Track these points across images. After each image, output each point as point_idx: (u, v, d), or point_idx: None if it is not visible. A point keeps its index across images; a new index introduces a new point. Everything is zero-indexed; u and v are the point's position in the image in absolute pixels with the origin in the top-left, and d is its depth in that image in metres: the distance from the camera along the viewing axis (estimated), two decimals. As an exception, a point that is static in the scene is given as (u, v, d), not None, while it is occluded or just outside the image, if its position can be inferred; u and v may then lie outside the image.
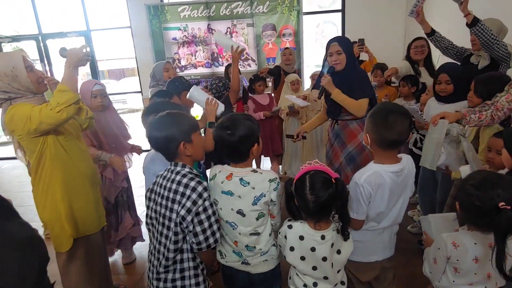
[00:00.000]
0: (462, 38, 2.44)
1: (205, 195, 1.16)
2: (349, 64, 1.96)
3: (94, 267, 1.78)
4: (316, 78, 2.54)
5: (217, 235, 1.19)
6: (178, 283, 1.20)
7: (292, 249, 1.15)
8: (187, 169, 1.22)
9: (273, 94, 3.94)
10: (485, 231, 1.06)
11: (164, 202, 1.19)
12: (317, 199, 1.07)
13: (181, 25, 4.95)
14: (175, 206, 1.15)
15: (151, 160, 1.50)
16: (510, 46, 2.13)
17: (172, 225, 1.15)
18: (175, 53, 5.05)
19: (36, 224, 1.83)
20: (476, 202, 1.00)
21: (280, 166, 4.03)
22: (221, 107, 1.84)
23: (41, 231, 2.70)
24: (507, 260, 1.00)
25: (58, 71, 5.31)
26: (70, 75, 1.46)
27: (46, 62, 5.38)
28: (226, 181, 1.25)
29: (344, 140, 1.99)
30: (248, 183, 1.22)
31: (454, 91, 2.06)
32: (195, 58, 5.09)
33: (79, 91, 1.70)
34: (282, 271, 1.39)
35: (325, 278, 1.16)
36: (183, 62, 5.05)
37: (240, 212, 1.23)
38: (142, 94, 5.40)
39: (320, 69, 2.63)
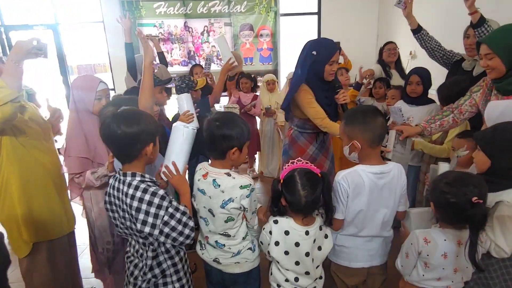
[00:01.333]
0: (447, 39, 2.36)
1: (164, 204, 1.08)
2: None
3: (59, 272, 1.69)
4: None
5: (191, 229, 1.14)
6: (160, 281, 1.18)
7: (277, 243, 1.17)
8: (138, 178, 1.10)
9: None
10: (457, 227, 1.12)
11: (126, 215, 1.12)
12: (309, 195, 1.10)
13: (157, 21, 4.84)
14: (138, 224, 1.08)
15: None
16: None
17: (141, 240, 1.13)
18: (150, 50, 4.92)
19: None
20: (451, 198, 1.06)
21: (256, 166, 4.06)
22: (195, 123, 1.73)
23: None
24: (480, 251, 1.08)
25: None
26: (11, 69, 1.30)
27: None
28: (202, 179, 1.25)
29: (293, 157, 1.93)
30: (219, 185, 1.21)
31: (423, 93, 2.18)
32: (171, 56, 5.00)
33: (80, 89, 1.59)
34: (262, 269, 1.39)
35: (307, 273, 1.19)
36: (158, 60, 4.93)
37: (210, 211, 1.24)
38: (115, 91, 5.22)
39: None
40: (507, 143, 1.15)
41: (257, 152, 3.95)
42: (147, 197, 1.06)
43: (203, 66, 3.49)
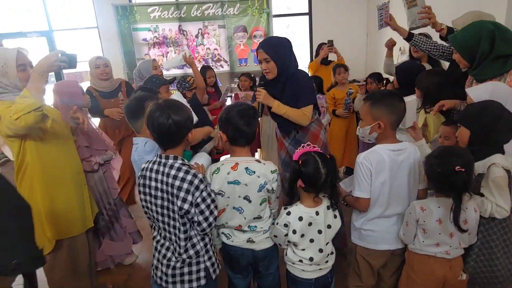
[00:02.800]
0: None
1: (201, 186, 1.20)
2: (281, 70, 1.75)
3: (78, 267, 1.76)
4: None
5: (214, 218, 1.25)
6: (194, 260, 1.26)
7: (294, 232, 1.26)
8: (179, 161, 1.23)
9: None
10: (447, 195, 1.26)
11: (163, 195, 1.21)
12: (327, 173, 1.22)
13: (151, 26, 4.91)
14: (175, 200, 1.19)
15: (150, 151, 1.49)
16: None
17: (177, 216, 1.21)
18: (145, 54, 4.99)
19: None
20: (437, 169, 1.21)
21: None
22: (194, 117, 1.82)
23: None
24: (463, 215, 1.21)
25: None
26: (35, 80, 1.40)
27: (3, 63, 5.04)
28: (232, 171, 1.30)
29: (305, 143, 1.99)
30: (254, 172, 1.30)
31: (400, 86, 2.34)
32: (167, 59, 5.06)
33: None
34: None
35: (320, 250, 1.29)
36: (154, 63, 5.00)
37: (246, 198, 1.32)
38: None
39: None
40: (477, 111, 1.31)
41: (258, 150, 4.05)
42: (188, 177, 1.18)
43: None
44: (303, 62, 5.41)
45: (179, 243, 1.23)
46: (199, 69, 3.76)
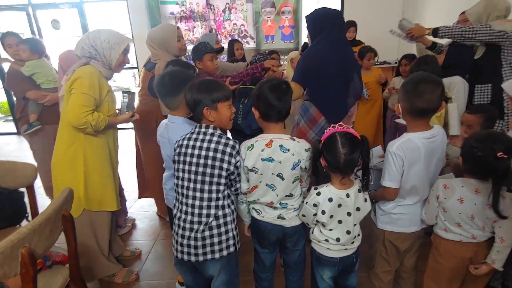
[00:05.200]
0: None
1: (240, 152, 1.33)
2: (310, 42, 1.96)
3: (99, 240, 1.87)
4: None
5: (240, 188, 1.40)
6: (223, 229, 1.32)
7: (323, 212, 1.28)
8: (218, 131, 1.32)
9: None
10: (480, 179, 1.23)
11: (201, 161, 1.28)
12: (348, 153, 1.19)
13: (179, -1, 4.86)
14: (217, 163, 1.27)
15: (188, 125, 1.50)
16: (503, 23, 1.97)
17: (215, 179, 1.28)
18: (172, 29, 4.98)
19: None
20: (478, 152, 1.18)
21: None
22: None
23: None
24: (504, 202, 1.19)
25: (49, 44, 5.14)
26: (115, 122, 1.81)
27: (37, 34, 5.19)
28: (266, 148, 1.32)
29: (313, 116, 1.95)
30: (288, 149, 1.31)
31: (410, 71, 2.23)
32: (193, 34, 5.04)
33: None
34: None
35: (348, 232, 1.31)
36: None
37: (280, 176, 1.33)
38: (138, 70, 5.33)
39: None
40: None
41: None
42: (230, 142, 1.30)
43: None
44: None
45: (208, 211, 1.30)
46: (226, 44, 3.70)
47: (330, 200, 1.26)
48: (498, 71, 2.03)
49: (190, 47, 2.64)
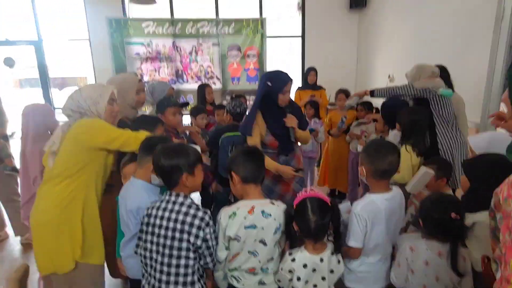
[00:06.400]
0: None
1: (210, 222, 1.27)
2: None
3: None
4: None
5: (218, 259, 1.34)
6: None
7: (298, 278, 1.27)
8: (189, 200, 1.29)
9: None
10: (440, 240, 1.31)
11: (169, 233, 1.23)
12: (317, 220, 1.22)
13: (145, 40, 4.89)
14: (185, 236, 1.21)
15: (144, 192, 1.46)
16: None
17: (183, 253, 1.22)
18: (137, 68, 4.95)
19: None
20: (434, 215, 1.28)
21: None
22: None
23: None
24: (461, 262, 1.27)
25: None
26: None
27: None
28: (249, 215, 1.30)
29: (294, 165, 2.06)
30: (270, 214, 1.31)
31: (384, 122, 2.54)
32: (159, 75, 5.04)
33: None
34: None
35: (322, 295, 1.31)
36: (145, 78, 4.96)
37: (262, 241, 1.32)
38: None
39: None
40: (482, 171, 1.33)
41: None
42: (199, 213, 1.25)
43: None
44: (295, 83, 5.51)
45: (176, 280, 1.24)
46: (196, 87, 3.72)
47: (305, 266, 1.27)
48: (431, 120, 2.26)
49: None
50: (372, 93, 2.38)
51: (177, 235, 1.22)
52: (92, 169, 1.60)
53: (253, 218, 1.30)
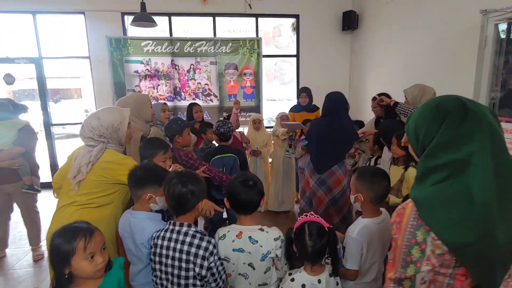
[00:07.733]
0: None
1: (214, 251, 1.30)
2: None
3: None
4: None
5: (223, 281, 1.35)
6: None
7: None
8: (193, 229, 1.32)
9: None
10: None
11: (176, 263, 1.28)
12: (314, 244, 1.29)
13: (144, 58, 5.00)
14: (191, 266, 1.26)
15: (150, 222, 1.46)
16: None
17: (191, 281, 1.27)
18: (136, 86, 5.04)
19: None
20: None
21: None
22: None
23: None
24: None
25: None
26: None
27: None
28: (237, 239, 1.38)
29: (330, 186, 2.30)
30: (257, 241, 1.37)
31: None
32: (157, 92, 5.13)
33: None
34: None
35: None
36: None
37: (251, 265, 1.38)
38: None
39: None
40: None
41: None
42: (203, 244, 1.27)
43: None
44: (291, 101, 5.66)
45: None
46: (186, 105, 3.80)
47: (303, 286, 1.32)
48: None
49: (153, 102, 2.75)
50: (395, 106, 2.56)
51: (184, 265, 1.27)
52: (116, 197, 1.67)
53: (241, 242, 1.37)
